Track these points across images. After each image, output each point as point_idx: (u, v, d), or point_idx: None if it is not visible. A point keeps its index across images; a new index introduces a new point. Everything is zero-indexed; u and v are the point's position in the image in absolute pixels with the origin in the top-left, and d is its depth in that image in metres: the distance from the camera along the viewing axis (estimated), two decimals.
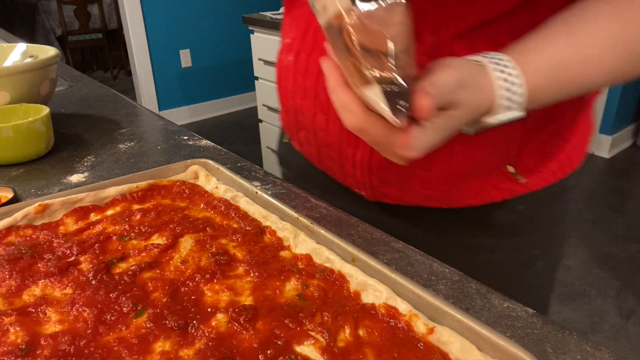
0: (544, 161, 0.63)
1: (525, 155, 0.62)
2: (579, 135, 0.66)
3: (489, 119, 0.48)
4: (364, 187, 0.68)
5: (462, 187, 0.63)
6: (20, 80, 0.88)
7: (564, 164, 0.66)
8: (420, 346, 0.41)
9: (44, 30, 5.47)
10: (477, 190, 0.63)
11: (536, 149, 0.62)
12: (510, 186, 0.63)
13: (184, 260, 0.52)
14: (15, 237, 0.56)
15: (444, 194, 0.64)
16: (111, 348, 0.41)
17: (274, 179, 0.76)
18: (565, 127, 0.64)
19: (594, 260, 2.41)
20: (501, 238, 0.68)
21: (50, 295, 0.48)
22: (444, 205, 0.65)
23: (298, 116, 0.71)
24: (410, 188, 0.64)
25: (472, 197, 0.64)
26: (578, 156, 0.68)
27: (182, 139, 0.92)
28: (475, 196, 0.64)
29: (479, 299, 0.50)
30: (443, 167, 0.61)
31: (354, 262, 0.50)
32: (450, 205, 0.65)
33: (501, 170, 0.62)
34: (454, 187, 0.63)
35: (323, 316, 0.44)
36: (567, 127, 0.64)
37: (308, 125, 0.69)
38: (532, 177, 0.63)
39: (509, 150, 0.61)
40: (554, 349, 0.43)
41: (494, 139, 0.59)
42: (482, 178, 0.62)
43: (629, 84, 3.34)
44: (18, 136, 0.78)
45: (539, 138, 0.62)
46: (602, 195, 3.03)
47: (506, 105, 0.47)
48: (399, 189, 0.65)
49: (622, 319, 2.04)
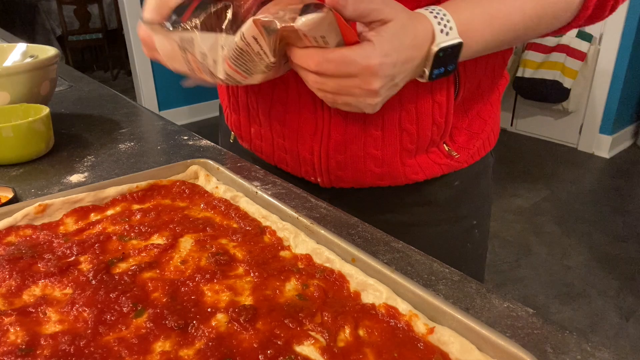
0: (471, 140, 0.75)
1: (456, 135, 0.73)
2: (494, 117, 0.78)
3: (434, 47, 0.56)
4: (320, 174, 0.74)
5: (409, 164, 0.72)
6: (20, 80, 0.88)
7: (485, 142, 0.78)
8: (420, 346, 0.41)
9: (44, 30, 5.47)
10: (421, 166, 0.73)
11: (465, 129, 0.73)
12: (447, 162, 0.74)
13: (184, 260, 0.52)
14: (15, 237, 0.56)
15: (394, 171, 0.72)
16: (111, 348, 0.41)
17: (274, 179, 0.76)
18: (484, 110, 0.75)
19: (594, 260, 2.41)
20: (442, 212, 0.78)
21: (50, 295, 0.48)
22: (394, 183, 0.74)
23: (250, 112, 0.77)
24: (364, 168, 0.72)
25: (418, 172, 0.73)
26: (495, 136, 0.81)
27: (182, 139, 0.92)
28: (421, 172, 0.73)
29: (479, 299, 0.50)
30: (393, 145, 0.70)
31: (354, 262, 0.50)
32: (400, 182, 0.74)
33: (439, 148, 0.73)
34: (403, 164, 0.72)
35: (323, 316, 0.44)
36: (486, 111, 0.76)
37: (262, 119, 0.76)
38: (463, 153, 0.74)
39: (445, 127, 0.70)
40: (554, 349, 0.43)
41: (433, 114, 0.68)
42: (425, 155, 0.72)
43: (629, 84, 3.35)
44: (18, 136, 0.78)
45: (466, 120, 0.73)
46: (602, 195, 3.03)
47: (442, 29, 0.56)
48: (354, 170, 0.72)
49: (622, 319, 2.04)
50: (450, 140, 0.73)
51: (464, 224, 0.80)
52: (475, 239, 0.82)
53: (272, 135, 0.76)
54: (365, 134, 0.70)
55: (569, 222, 2.73)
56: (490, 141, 0.79)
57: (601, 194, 3.06)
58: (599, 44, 3.31)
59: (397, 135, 0.69)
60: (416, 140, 0.70)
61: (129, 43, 4.01)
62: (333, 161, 0.72)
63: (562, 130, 3.68)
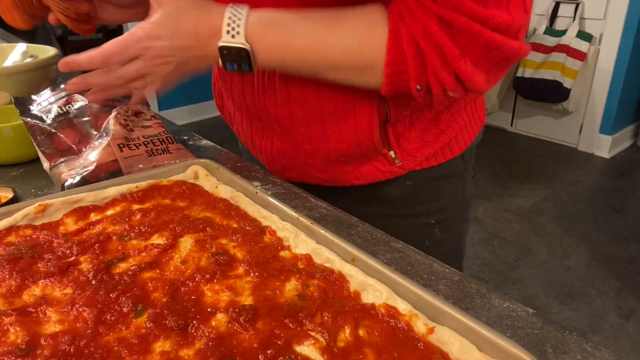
0: (422, 148, 0.74)
1: (404, 142, 0.72)
2: (458, 124, 0.76)
3: (219, 42, 0.59)
4: (273, 171, 0.80)
5: (348, 171, 0.74)
6: (20, 80, 0.88)
7: (438, 152, 0.75)
8: (420, 346, 0.41)
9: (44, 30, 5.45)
10: (362, 173, 0.74)
11: (416, 136, 0.72)
12: (390, 168, 0.74)
13: (184, 260, 0.52)
14: (15, 237, 0.56)
15: (334, 176, 0.76)
16: (111, 348, 0.41)
17: (274, 179, 0.76)
18: (442, 120, 0.74)
19: (594, 260, 2.41)
20: (394, 208, 0.79)
21: (50, 295, 0.48)
22: (336, 185, 0.77)
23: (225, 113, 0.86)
24: (306, 173, 0.77)
25: (358, 178, 0.75)
26: (464, 141, 0.78)
27: (182, 139, 0.92)
28: (361, 177, 0.75)
29: (479, 299, 0.50)
30: (326, 158, 0.73)
31: (354, 262, 0.50)
32: (342, 184, 0.76)
33: (384, 156, 0.72)
34: (343, 172, 0.75)
35: (323, 316, 0.44)
36: (445, 120, 0.74)
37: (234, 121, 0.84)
38: (409, 160, 0.74)
39: (376, 146, 0.70)
40: (554, 349, 0.43)
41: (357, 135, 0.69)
42: (366, 164, 0.73)
43: (629, 84, 3.35)
44: (18, 136, 0.78)
45: (414, 130, 0.72)
46: (602, 195, 3.03)
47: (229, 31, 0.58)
48: (298, 173, 0.77)
49: (622, 319, 2.04)
50: (397, 147, 0.72)
51: (419, 221, 0.80)
52: (435, 237, 0.81)
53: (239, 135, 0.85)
54: (299, 148, 0.73)
55: (569, 222, 2.73)
56: (453, 148, 0.77)
57: (601, 194, 3.06)
58: (599, 44, 3.30)
59: (327, 151, 0.72)
60: (348, 154, 0.72)
61: None
62: (278, 164, 0.78)
63: (562, 130, 3.68)
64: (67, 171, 0.71)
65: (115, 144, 0.73)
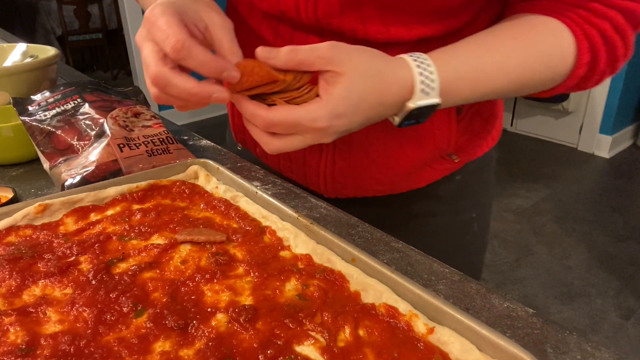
0: (471, 140, 0.74)
1: (459, 136, 0.72)
2: (494, 114, 0.78)
3: (410, 104, 0.53)
4: (325, 191, 0.76)
5: (408, 179, 0.74)
6: (20, 80, 0.88)
7: (487, 139, 0.78)
8: (420, 346, 0.41)
9: (44, 30, 5.46)
10: (423, 176, 0.74)
11: (464, 130, 0.72)
12: (446, 166, 0.74)
13: (184, 260, 0.52)
14: (15, 237, 0.56)
15: (396, 187, 0.75)
16: (111, 348, 0.41)
17: (274, 179, 0.76)
18: (483, 108, 0.75)
19: (594, 260, 2.41)
20: (442, 205, 0.79)
21: (50, 295, 0.48)
22: (392, 193, 0.76)
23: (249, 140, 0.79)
24: (365, 187, 0.74)
25: (420, 182, 0.75)
26: (497, 131, 0.81)
27: (182, 139, 0.92)
28: (419, 182, 0.75)
29: (479, 299, 0.50)
30: (395, 169, 0.71)
31: (354, 262, 0.50)
32: (398, 192, 0.75)
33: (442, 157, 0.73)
34: (405, 180, 0.74)
35: (323, 316, 0.44)
36: (486, 108, 0.75)
37: None
38: (463, 155, 0.75)
39: (448, 144, 0.71)
40: (554, 349, 0.43)
41: (434, 137, 0.69)
42: (427, 168, 0.73)
43: (629, 84, 3.35)
44: (18, 136, 0.78)
45: (466, 120, 0.72)
46: (602, 195, 3.03)
47: (424, 89, 0.52)
48: (355, 189, 0.75)
49: (622, 319, 2.04)
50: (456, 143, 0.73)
51: (463, 217, 0.81)
52: (473, 232, 0.82)
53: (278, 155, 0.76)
54: (369, 161, 0.71)
55: (569, 222, 2.73)
56: (493, 137, 0.80)
57: (601, 194, 3.06)
58: None
59: (400, 161, 0.71)
60: (420, 162, 0.71)
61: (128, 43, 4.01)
62: (338, 183, 0.74)
63: (562, 130, 3.68)
64: (67, 171, 0.71)
65: (115, 144, 0.73)
